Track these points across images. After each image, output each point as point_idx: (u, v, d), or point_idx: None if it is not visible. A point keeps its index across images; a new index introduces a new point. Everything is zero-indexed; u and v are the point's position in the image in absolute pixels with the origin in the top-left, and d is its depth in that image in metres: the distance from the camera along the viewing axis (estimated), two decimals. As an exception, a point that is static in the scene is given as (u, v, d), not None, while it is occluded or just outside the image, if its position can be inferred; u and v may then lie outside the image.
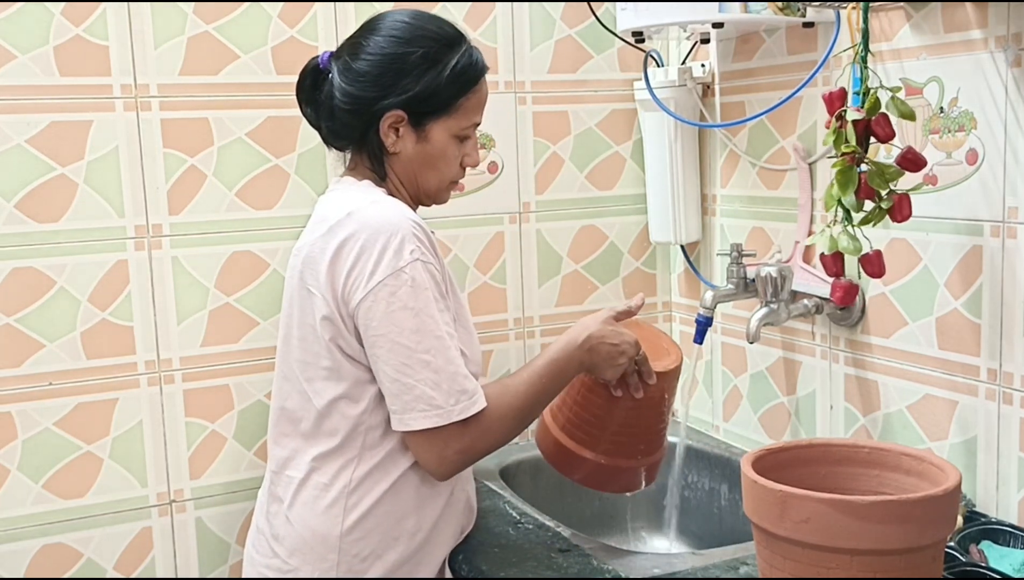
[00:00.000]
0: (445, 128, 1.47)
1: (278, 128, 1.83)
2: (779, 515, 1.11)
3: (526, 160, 2.04)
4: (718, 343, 2.05)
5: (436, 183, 1.51)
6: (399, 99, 1.43)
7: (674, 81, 1.97)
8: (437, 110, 1.45)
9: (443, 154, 1.48)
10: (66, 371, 1.73)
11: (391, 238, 1.36)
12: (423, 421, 1.36)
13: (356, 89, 1.44)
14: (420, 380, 1.35)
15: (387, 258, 1.35)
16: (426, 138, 1.47)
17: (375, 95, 1.43)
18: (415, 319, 1.35)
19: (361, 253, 1.36)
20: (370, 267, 1.35)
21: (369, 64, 1.43)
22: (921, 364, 1.60)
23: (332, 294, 1.38)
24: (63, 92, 1.69)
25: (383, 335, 1.36)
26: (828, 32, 1.70)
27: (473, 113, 1.49)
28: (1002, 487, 1.50)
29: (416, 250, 1.36)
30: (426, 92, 1.43)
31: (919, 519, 1.08)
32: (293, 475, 1.46)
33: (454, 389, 1.36)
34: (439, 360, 1.36)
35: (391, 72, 1.43)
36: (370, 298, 1.35)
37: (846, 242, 1.44)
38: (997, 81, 1.44)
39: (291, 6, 1.82)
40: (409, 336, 1.35)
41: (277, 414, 1.51)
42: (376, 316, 1.36)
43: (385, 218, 1.38)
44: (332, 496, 1.43)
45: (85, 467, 1.75)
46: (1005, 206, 1.45)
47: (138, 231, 1.75)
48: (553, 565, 1.50)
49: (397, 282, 1.35)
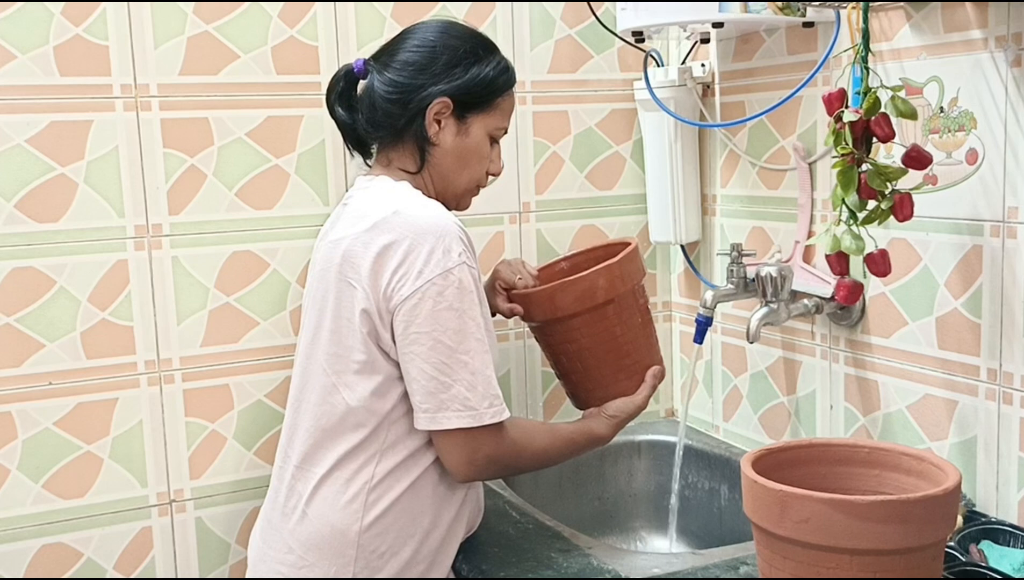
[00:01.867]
0: (483, 124, 1.52)
1: (278, 128, 1.83)
2: (779, 515, 1.11)
3: (526, 160, 2.04)
4: (718, 343, 2.05)
5: (466, 183, 1.55)
6: (449, 86, 1.48)
7: (674, 81, 1.97)
8: (480, 104, 1.51)
9: (478, 151, 1.53)
10: (66, 371, 1.73)
11: (440, 239, 1.39)
12: (457, 421, 1.39)
13: (404, 77, 1.49)
14: (457, 380, 1.38)
15: (436, 258, 1.38)
16: (466, 132, 1.51)
17: (424, 82, 1.48)
18: (459, 320, 1.38)
19: (409, 251, 1.39)
20: (419, 266, 1.38)
21: (419, 54, 1.49)
22: (921, 364, 1.60)
23: (374, 289, 1.40)
24: (63, 92, 1.69)
25: (426, 333, 1.38)
26: (828, 32, 1.70)
27: (506, 115, 1.56)
28: (1002, 487, 1.50)
29: (463, 253, 1.40)
30: (473, 83, 1.50)
31: (919, 519, 1.08)
32: (315, 471, 1.46)
33: (488, 392, 1.39)
34: (476, 362, 1.39)
35: (442, 61, 1.49)
36: (416, 295, 1.38)
37: (850, 242, 1.44)
38: (997, 81, 1.44)
39: (291, 6, 1.82)
40: (452, 336, 1.38)
41: (297, 408, 1.51)
42: (422, 313, 1.38)
43: (435, 219, 1.41)
44: (353, 491, 1.43)
45: (85, 467, 1.75)
46: (1005, 206, 1.45)
47: (138, 231, 1.76)
48: (553, 565, 1.50)
49: (445, 282, 1.38)
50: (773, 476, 1.15)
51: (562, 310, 1.59)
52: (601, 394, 1.63)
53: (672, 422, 2.17)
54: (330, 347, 1.46)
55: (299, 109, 1.83)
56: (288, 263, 1.85)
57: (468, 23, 1.58)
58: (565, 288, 1.58)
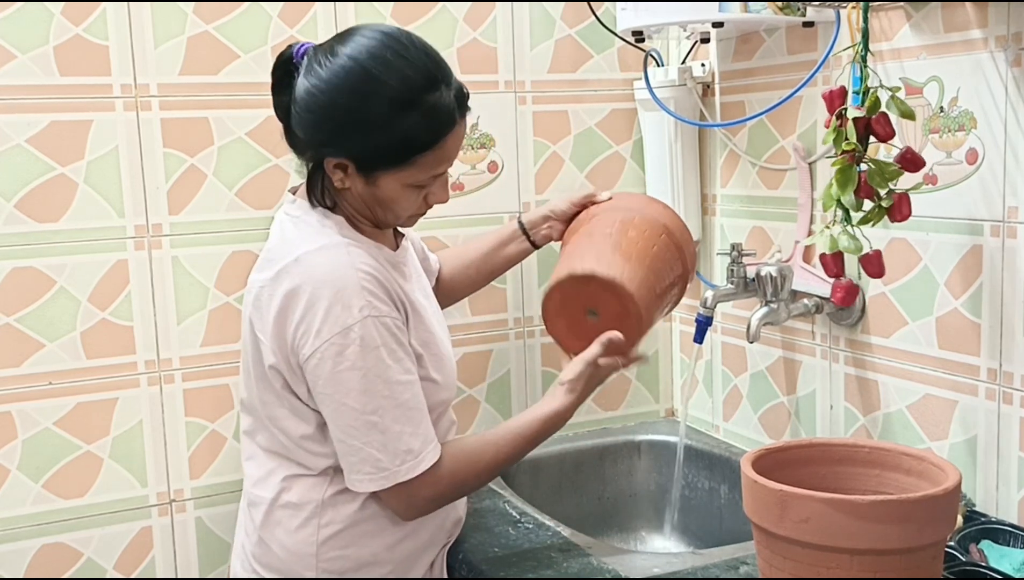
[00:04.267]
0: (396, 179, 1.35)
1: (278, 128, 1.79)
2: (779, 515, 1.11)
3: (526, 160, 2.04)
4: (718, 343, 2.05)
5: (393, 220, 1.42)
6: (343, 150, 1.33)
7: (674, 81, 1.97)
8: (386, 165, 1.34)
9: (394, 201, 1.38)
10: (66, 371, 1.73)
11: (339, 294, 1.30)
12: (369, 484, 1.34)
13: (303, 125, 1.35)
14: (367, 442, 1.32)
15: (334, 315, 1.29)
16: (375, 184, 1.36)
17: (320, 141, 1.35)
18: (363, 380, 1.30)
19: (309, 306, 1.30)
20: (316, 324, 1.30)
21: (323, 108, 1.32)
22: (921, 364, 1.60)
23: (279, 344, 1.34)
24: (63, 92, 1.69)
25: (329, 395, 1.32)
26: (828, 32, 1.70)
27: (433, 167, 1.36)
28: (1002, 487, 1.50)
29: (366, 306, 1.30)
30: (372, 152, 1.33)
31: (919, 519, 1.08)
32: (263, 495, 1.43)
33: (399, 449, 1.32)
34: (386, 420, 1.32)
35: (340, 125, 1.31)
36: (316, 356, 1.31)
37: (846, 242, 1.44)
38: (997, 81, 1.44)
39: (291, 6, 1.82)
40: (356, 397, 1.31)
41: (243, 434, 1.49)
42: (323, 375, 1.31)
43: (333, 270, 1.31)
44: (304, 516, 1.40)
45: (85, 467, 1.75)
46: (1005, 206, 1.45)
47: (138, 231, 1.75)
48: (553, 565, 1.50)
49: (345, 341, 1.29)
50: (773, 476, 1.15)
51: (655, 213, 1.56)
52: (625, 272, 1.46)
53: (672, 422, 2.17)
54: (259, 393, 1.42)
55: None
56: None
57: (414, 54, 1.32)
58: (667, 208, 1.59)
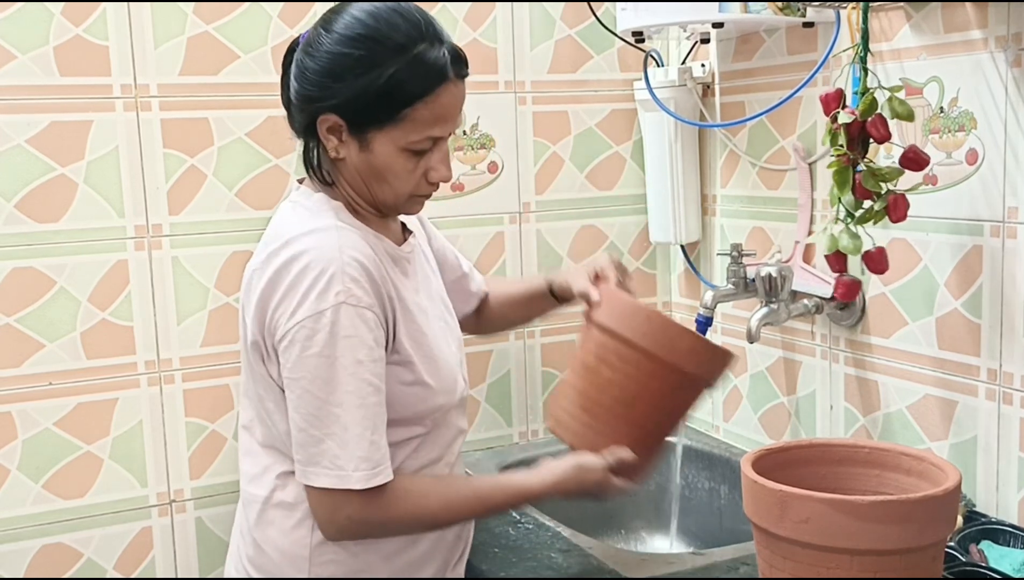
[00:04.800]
0: (389, 140, 1.29)
1: (278, 128, 1.82)
2: (779, 515, 1.11)
3: (526, 160, 2.04)
4: (718, 343, 2.04)
5: (391, 197, 1.34)
6: (332, 103, 1.28)
7: (674, 81, 1.97)
8: (376, 120, 1.28)
9: (390, 168, 1.31)
10: (66, 371, 1.73)
11: (320, 276, 1.24)
12: (324, 479, 1.26)
13: (299, 84, 1.31)
14: (328, 434, 1.25)
15: (311, 298, 1.24)
16: (369, 148, 1.31)
17: (314, 95, 1.30)
18: (329, 369, 1.24)
19: (289, 289, 1.26)
20: (293, 305, 1.25)
21: (313, 60, 1.29)
22: (921, 364, 1.60)
23: (262, 327, 1.30)
24: (63, 92, 1.69)
25: (295, 380, 1.26)
26: (828, 32, 1.70)
27: (427, 126, 1.29)
28: (1002, 487, 1.50)
29: (343, 292, 1.24)
30: (360, 100, 1.27)
31: (919, 519, 1.08)
32: (257, 493, 1.38)
33: (357, 454, 1.25)
34: (348, 417, 1.25)
35: (328, 73, 1.28)
36: (287, 338, 1.26)
37: (847, 241, 1.45)
38: (997, 81, 1.44)
39: (291, 6, 1.82)
40: (321, 386, 1.25)
41: (241, 428, 1.44)
42: (291, 358, 1.26)
43: (318, 252, 1.26)
44: (298, 517, 1.35)
45: (85, 467, 1.75)
46: (1005, 206, 1.45)
47: (138, 231, 1.75)
48: (553, 565, 1.50)
49: (316, 325, 1.24)
50: (773, 476, 1.15)
51: (631, 331, 1.36)
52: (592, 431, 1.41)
53: (672, 422, 2.17)
54: (252, 384, 1.38)
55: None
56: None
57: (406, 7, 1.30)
58: (653, 318, 1.37)
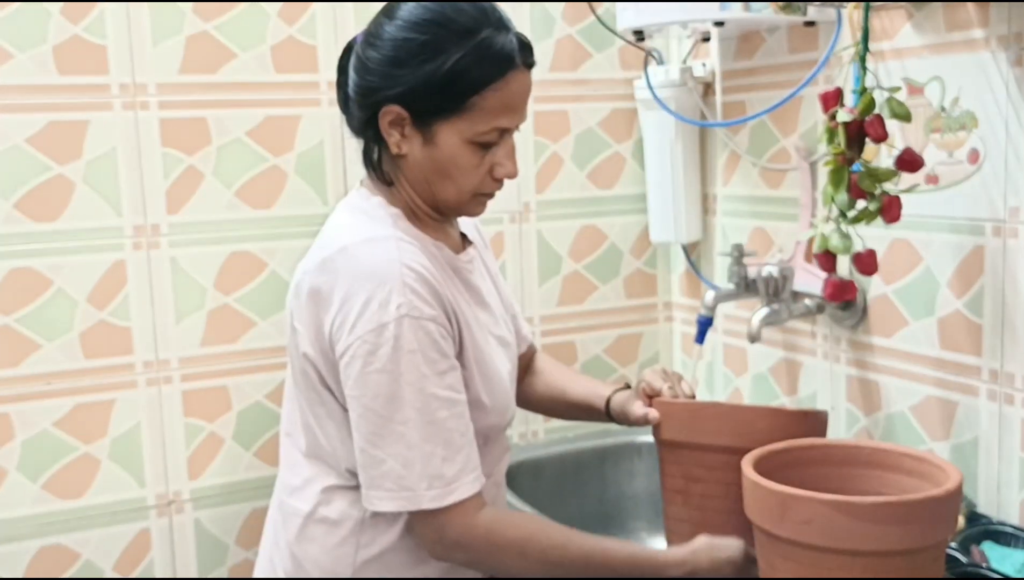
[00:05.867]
0: (455, 131, 1.24)
1: (277, 127, 1.82)
2: (780, 516, 1.11)
3: (526, 160, 2.03)
4: (719, 343, 2.04)
5: (455, 195, 1.28)
6: (395, 92, 1.23)
7: (675, 80, 1.96)
8: (442, 109, 1.23)
9: (455, 162, 1.26)
10: (64, 371, 1.72)
11: (378, 288, 1.19)
12: (388, 502, 1.20)
13: (359, 76, 1.27)
14: (391, 454, 1.19)
15: (370, 311, 1.19)
16: (433, 141, 1.25)
17: (376, 85, 1.25)
18: (393, 385, 1.19)
19: (345, 301, 1.21)
20: (352, 318, 1.20)
21: (375, 49, 1.25)
22: (922, 365, 1.60)
23: (316, 335, 1.24)
24: (61, 92, 1.69)
25: (356, 398, 1.21)
26: (829, 31, 1.69)
27: (494, 116, 1.24)
28: (1003, 488, 1.49)
29: (405, 304, 1.19)
30: (424, 87, 1.22)
31: (921, 520, 1.08)
32: (299, 507, 1.31)
33: (427, 472, 1.18)
34: (414, 435, 1.19)
35: (391, 61, 1.23)
36: (348, 354, 1.20)
37: (837, 241, 1.45)
38: (999, 80, 1.43)
39: (290, 5, 1.81)
40: (384, 403, 1.19)
41: (283, 434, 1.38)
42: (352, 375, 1.20)
43: (375, 263, 1.21)
44: (342, 534, 1.28)
45: (83, 468, 1.75)
46: (1007, 206, 1.45)
47: (136, 231, 1.75)
48: (553, 566, 1.49)
49: (378, 340, 1.18)
50: (774, 477, 1.14)
51: (703, 435, 1.31)
52: None
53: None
54: (299, 389, 1.32)
55: (298, 109, 1.83)
56: (287, 263, 1.84)
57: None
58: (719, 413, 1.32)
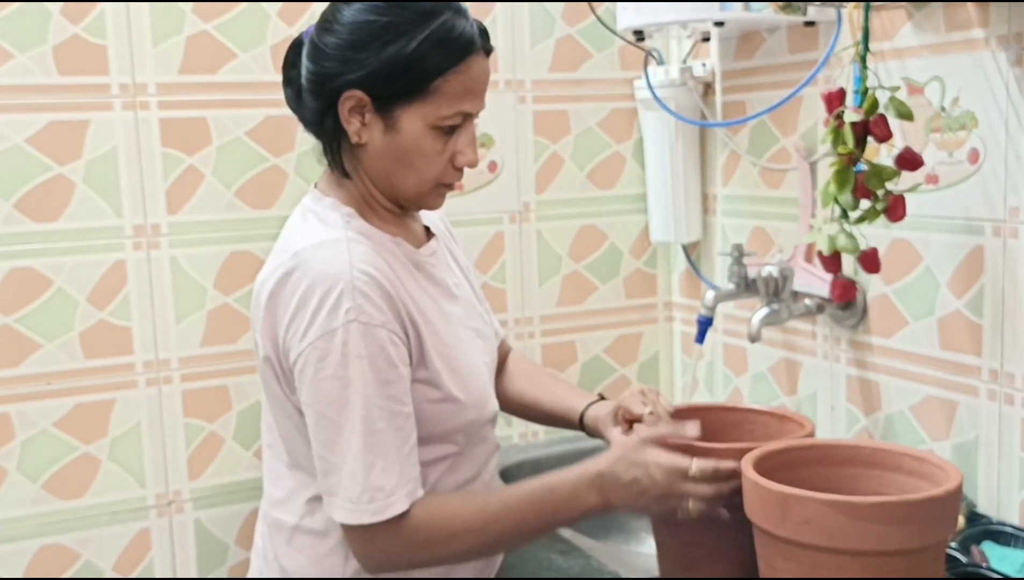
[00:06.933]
0: (418, 116, 1.20)
1: (277, 127, 1.82)
2: (780, 516, 1.11)
3: (526, 159, 2.03)
4: (719, 343, 2.04)
5: (415, 184, 1.25)
6: (356, 76, 1.19)
7: (675, 80, 1.96)
8: (404, 93, 1.19)
9: (418, 148, 1.22)
10: (64, 371, 1.72)
11: (328, 293, 1.16)
12: (342, 513, 1.18)
13: (315, 64, 1.22)
14: (345, 462, 1.17)
15: (321, 316, 1.16)
16: (395, 127, 1.21)
17: (334, 71, 1.20)
18: (343, 391, 1.16)
19: (298, 308, 1.18)
20: (304, 324, 1.17)
21: (332, 34, 1.21)
22: (922, 365, 1.60)
23: (271, 344, 1.22)
24: (61, 92, 1.69)
25: (310, 405, 1.19)
26: (829, 31, 1.69)
27: (457, 100, 1.21)
28: (1003, 488, 1.49)
29: (354, 309, 1.15)
30: (387, 69, 1.18)
31: (921, 520, 1.08)
32: (285, 519, 1.29)
33: (370, 483, 1.16)
34: (358, 444, 1.17)
35: (351, 44, 1.19)
36: (301, 360, 1.18)
37: (844, 241, 1.45)
38: (999, 80, 1.43)
39: (290, 5, 1.81)
40: (337, 409, 1.17)
41: (266, 450, 1.35)
42: (305, 382, 1.18)
43: (325, 267, 1.18)
44: (330, 544, 1.26)
45: (83, 468, 1.75)
46: (1007, 205, 1.44)
47: (136, 231, 1.75)
48: (553, 566, 1.49)
49: (328, 346, 1.16)
50: (774, 477, 1.14)
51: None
52: None
53: (673, 422, 2.16)
54: (268, 400, 1.30)
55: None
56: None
57: None
58: (706, 451, 1.23)
